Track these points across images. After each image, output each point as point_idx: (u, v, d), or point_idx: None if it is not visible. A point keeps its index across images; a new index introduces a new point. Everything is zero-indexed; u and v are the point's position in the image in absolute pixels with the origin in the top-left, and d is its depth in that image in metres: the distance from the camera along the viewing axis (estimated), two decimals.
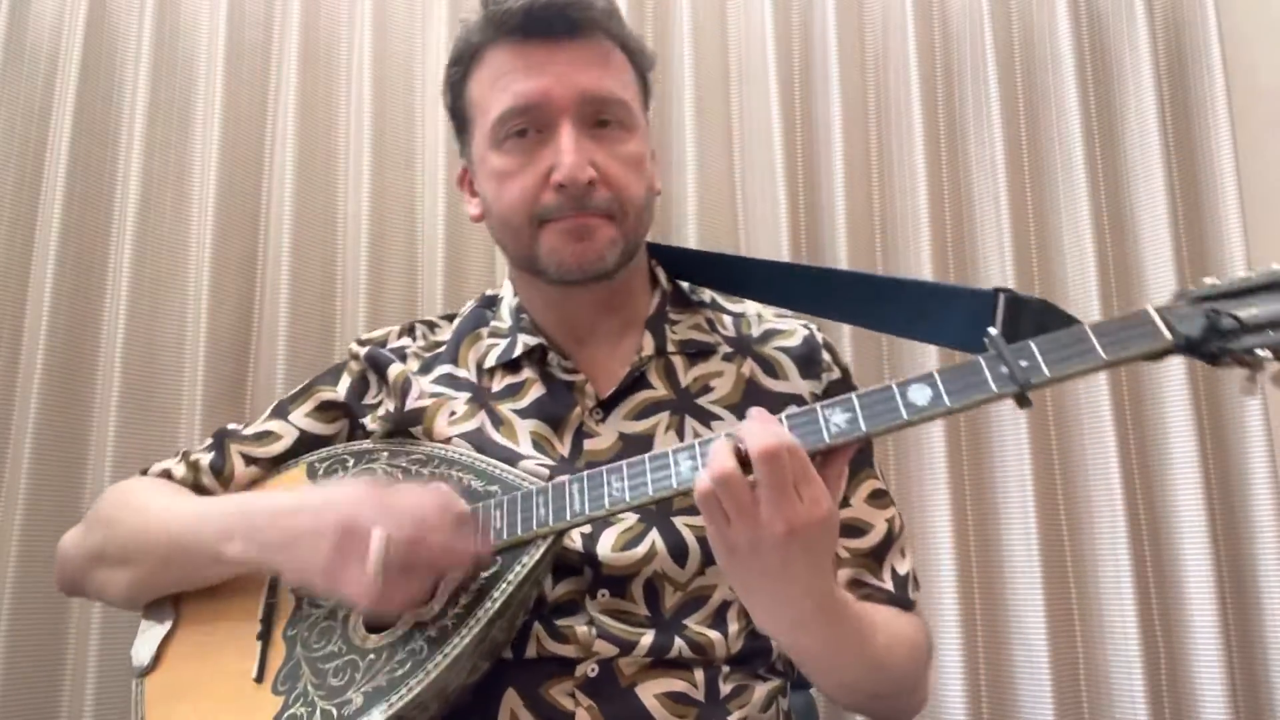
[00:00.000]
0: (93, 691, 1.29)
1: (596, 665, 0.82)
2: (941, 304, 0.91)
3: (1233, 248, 1.45)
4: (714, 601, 0.86)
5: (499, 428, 0.91)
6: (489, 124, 0.89)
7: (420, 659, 0.76)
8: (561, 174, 0.85)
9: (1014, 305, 0.85)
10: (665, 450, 0.75)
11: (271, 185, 1.51)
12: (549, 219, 0.87)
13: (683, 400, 0.92)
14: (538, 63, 0.87)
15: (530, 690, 0.82)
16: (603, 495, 0.76)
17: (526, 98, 0.86)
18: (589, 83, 0.87)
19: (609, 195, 0.87)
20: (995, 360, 0.69)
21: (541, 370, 0.94)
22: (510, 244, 0.92)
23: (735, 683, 0.86)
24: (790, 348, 0.97)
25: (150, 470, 1.01)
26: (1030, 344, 0.69)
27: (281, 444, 0.98)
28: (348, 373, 1.00)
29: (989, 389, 0.69)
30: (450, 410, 0.92)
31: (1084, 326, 0.69)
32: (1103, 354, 0.67)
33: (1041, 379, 0.68)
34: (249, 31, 1.53)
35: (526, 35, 0.87)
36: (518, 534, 0.78)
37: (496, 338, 0.97)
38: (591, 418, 0.91)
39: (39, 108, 1.47)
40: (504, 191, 0.89)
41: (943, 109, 1.57)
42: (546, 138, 0.87)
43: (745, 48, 1.60)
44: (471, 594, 0.78)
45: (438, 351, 0.99)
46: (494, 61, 0.89)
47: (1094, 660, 1.41)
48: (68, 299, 1.40)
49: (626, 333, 0.96)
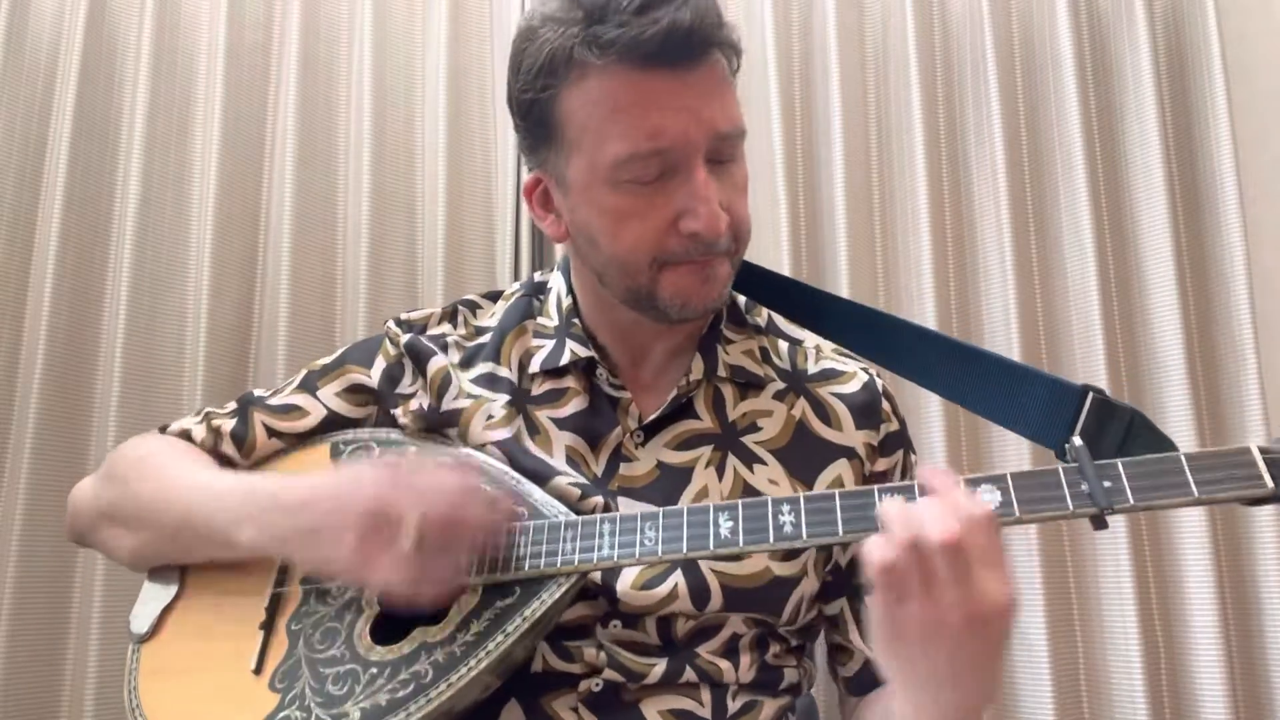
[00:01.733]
0: (93, 690, 1.29)
1: (601, 682, 0.81)
2: (1021, 386, 0.82)
3: (1233, 248, 1.45)
4: (725, 633, 0.84)
5: (534, 436, 0.88)
6: (604, 161, 0.78)
7: (424, 683, 0.75)
8: (700, 226, 0.78)
9: (1102, 409, 0.77)
10: (706, 506, 0.73)
11: (271, 185, 1.51)
12: (672, 262, 0.81)
13: (727, 435, 0.88)
14: (667, 99, 0.77)
15: (532, 702, 0.81)
16: (634, 543, 0.74)
17: (659, 142, 0.77)
18: (721, 120, 0.79)
19: (731, 234, 0.81)
20: (1076, 475, 0.64)
21: (587, 381, 0.90)
22: (618, 280, 0.84)
23: (745, 699, 0.84)
24: (848, 394, 0.92)
25: (169, 429, 0.98)
26: (1119, 464, 0.64)
27: (307, 421, 0.95)
28: (383, 354, 0.95)
29: (1064, 505, 0.64)
30: (488, 413, 0.89)
31: (1180, 457, 0.64)
32: (1195, 491, 0.62)
33: (1124, 505, 0.63)
34: (249, 31, 1.53)
35: (651, 64, 0.76)
36: (540, 567, 0.76)
37: (542, 338, 0.92)
38: (632, 440, 0.88)
39: (39, 108, 1.47)
40: (623, 232, 0.81)
41: (943, 109, 1.57)
42: (670, 177, 0.79)
43: (745, 48, 1.59)
44: (485, 622, 0.76)
45: (480, 342, 0.94)
46: (608, 88, 0.77)
47: (1094, 660, 1.41)
48: (68, 299, 1.40)
49: (681, 350, 0.92)
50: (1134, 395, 1.47)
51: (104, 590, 1.32)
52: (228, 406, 0.98)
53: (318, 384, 0.96)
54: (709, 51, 0.78)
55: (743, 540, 0.70)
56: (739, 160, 0.83)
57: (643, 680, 0.81)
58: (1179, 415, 1.42)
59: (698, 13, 0.75)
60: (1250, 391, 1.41)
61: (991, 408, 0.84)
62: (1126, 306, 1.50)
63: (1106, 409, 0.77)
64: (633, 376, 0.91)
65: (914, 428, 1.46)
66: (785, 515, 0.71)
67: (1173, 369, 1.44)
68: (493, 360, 0.92)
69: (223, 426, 0.95)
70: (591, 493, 0.84)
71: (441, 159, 1.52)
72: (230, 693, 0.81)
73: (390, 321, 0.97)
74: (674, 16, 0.74)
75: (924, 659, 0.63)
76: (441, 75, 1.54)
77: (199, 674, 0.84)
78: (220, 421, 0.96)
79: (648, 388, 0.91)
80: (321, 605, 0.84)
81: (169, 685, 0.84)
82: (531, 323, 0.94)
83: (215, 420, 0.96)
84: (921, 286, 1.48)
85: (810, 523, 0.71)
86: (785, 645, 0.89)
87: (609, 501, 0.84)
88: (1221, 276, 1.46)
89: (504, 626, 0.75)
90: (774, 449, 0.88)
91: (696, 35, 0.76)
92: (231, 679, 0.82)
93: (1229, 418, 1.45)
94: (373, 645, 0.79)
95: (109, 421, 1.36)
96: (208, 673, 0.83)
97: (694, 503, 0.84)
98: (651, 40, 0.74)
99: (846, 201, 1.50)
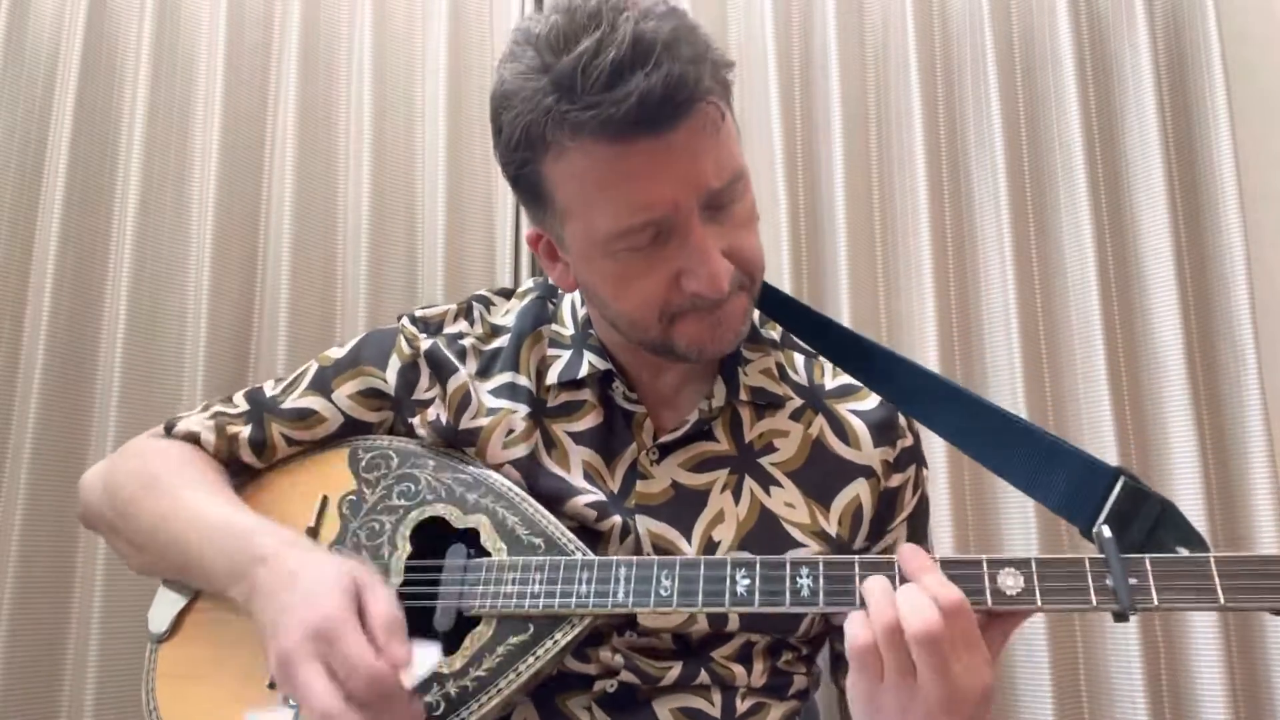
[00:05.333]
0: (93, 689, 1.29)
1: (616, 683, 0.81)
2: (1049, 458, 0.79)
3: (1233, 248, 1.45)
4: (739, 640, 0.84)
5: (551, 451, 0.87)
6: (596, 234, 0.76)
7: (435, 716, 0.75)
8: (701, 286, 0.76)
9: (1132, 495, 0.74)
10: (724, 560, 0.73)
11: (271, 185, 1.51)
12: (681, 314, 0.79)
13: (744, 457, 0.88)
14: (651, 169, 0.72)
15: (546, 701, 0.81)
16: (649, 591, 0.74)
17: (650, 214, 0.73)
18: (712, 176, 0.74)
19: (739, 275, 0.79)
20: (1101, 567, 0.64)
21: (602, 394, 0.89)
22: (630, 333, 0.83)
23: (753, 701, 0.85)
24: (866, 412, 0.91)
25: (175, 429, 0.95)
26: (1145, 561, 0.64)
27: (325, 427, 0.93)
28: (397, 353, 0.93)
29: (1087, 599, 0.64)
30: (508, 429, 0.87)
31: (1209, 560, 0.63)
32: (1222, 599, 0.61)
33: (1147, 605, 0.62)
34: (249, 31, 1.53)
35: (628, 135, 0.71)
36: (555, 607, 0.76)
37: (558, 347, 0.91)
38: (647, 458, 0.87)
39: (39, 108, 1.47)
40: (626, 294, 0.79)
41: (943, 109, 1.57)
42: (667, 240, 0.76)
43: (745, 48, 1.60)
44: (497, 658, 0.76)
45: (497, 345, 0.93)
46: (587, 165, 0.73)
47: (1094, 660, 1.41)
48: (68, 298, 1.40)
49: (698, 368, 0.89)
50: (1134, 396, 1.47)
51: (104, 590, 1.32)
52: (238, 405, 0.96)
53: (332, 384, 0.94)
54: (691, 109, 0.72)
55: (758, 601, 0.70)
56: (742, 198, 0.79)
57: (658, 683, 0.81)
58: (1179, 415, 1.42)
59: (671, 75, 0.69)
60: (1250, 391, 1.41)
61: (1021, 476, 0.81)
62: (1126, 306, 1.49)
63: (1138, 496, 0.74)
64: (650, 391, 0.90)
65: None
66: (804, 579, 0.71)
67: (1173, 369, 1.44)
68: (512, 369, 0.91)
69: (240, 434, 0.93)
70: (609, 511, 0.83)
71: (441, 159, 1.52)
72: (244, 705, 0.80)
73: (404, 319, 0.95)
74: (645, 88, 0.69)
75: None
76: (441, 75, 1.54)
77: (214, 682, 0.84)
78: (235, 428, 0.93)
79: (665, 403, 0.90)
80: None
81: (185, 691, 0.84)
82: (547, 329, 0.93)
83: (229, 427, 0.93)
84: (921, 286, 1.48)
85: (828, 591, 0.70)
86: (797, 653, 0.90)
87: (627, 521, 0.83)
88: (1221, 276, 1.46)
89: (516, 666, 0.75)
90: (790, 471, 0.88)
91: (671, 101, 0.70)
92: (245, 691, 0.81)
93: (1229, 418, 1.45)
94: None
95: (109, 421, 1.36)
96: (222, 682, 0.83)
97: (709, 527, 0.84)
98: (625, 118, 0.69)
99: (846, 201, 1.50)
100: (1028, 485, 0.81)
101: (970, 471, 1.45)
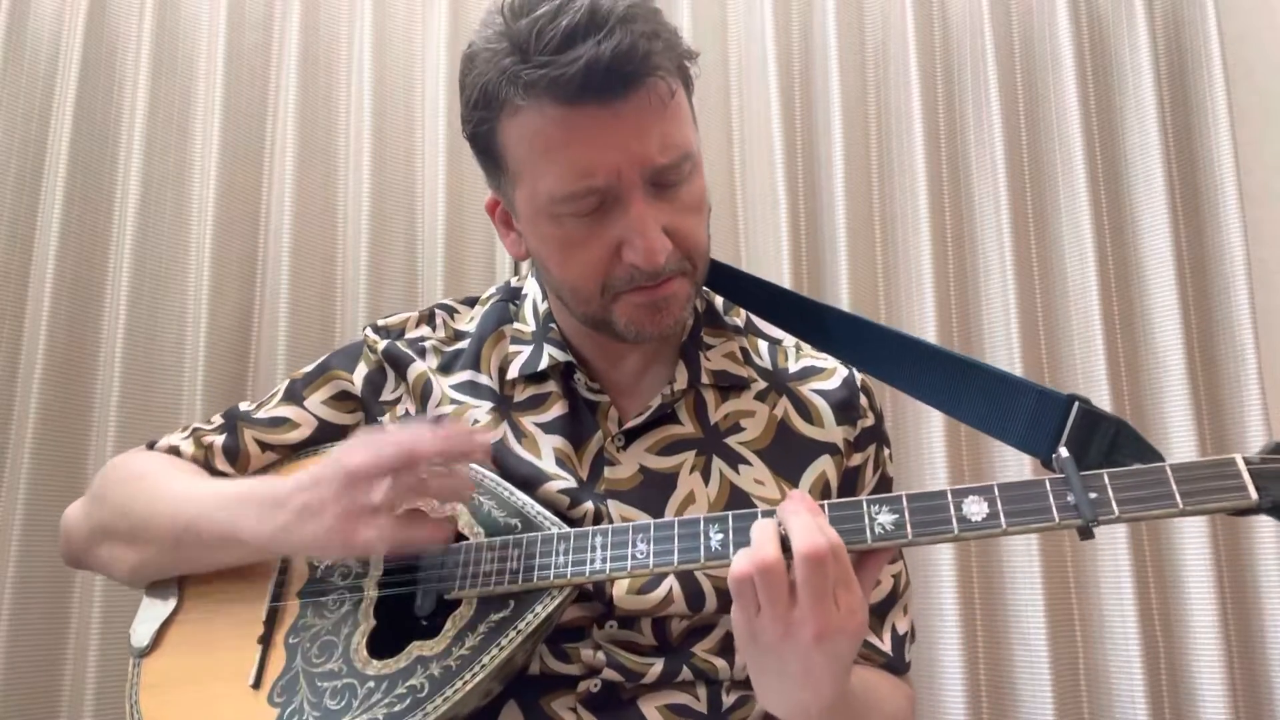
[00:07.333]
0: (93, 688, 1.29)
1: (600, 682, 0.81)
2: (1008, 395, 0.82)
3: (1233, 248, 1.45)
4: (719, 632, 0.85)
5: (521, 440, 0.88)
6: (540, 197, 0.78)
7: (420, 698, 0.75)
8: (638, 258, 0.77)
9: (1087, 419, 0.77)
10: (696, 518, 0.74)
11: (271, 185, 1.51)
12: (622, 290, 0.80)
13: (710, 439, 0.89)
14: (596, 136, 0.74)
15: (531, 703, 0.81)
16: (625, 556, 0.74)
17: (592, 180, 0.75)
18: (656, 152, 0.76)
19: (680, 255, 0.80)
20: (1062, 486, 0.65)
21: (565, 385, 0.90)
22: (574, 305, 0.85)
23: (739, 694, 0.85)
24: (828, 391, 0.93)
25: (157, 445, 0.98)
26: (1104, 475, 0.65)
27: (299, 432, 0.95)
28: (364, 360, 0.95)
29: (1050, 517, 0.65)
30: (473, 419, 0.89)
31: (1165, 468, 0.64)
32: (1180, 503, 0.63)
33: (1109, 517, 0.63)
34: (249, 32, 1.54)
35: (577, 100, 0.73)
36: (533, 580, 0.77)
37: (519, 344, 0.93)
38: (613, 444, 0.88)
39: (39, 108, 1.47)
40: (568, 261, 0.81)
41: (943, 109, 1.57)
42: (609, 209, 0.77)
43: (745, 48, 1.60)
44: (479, 635, 0.77)
45: (459, 347, 0.95)
46: (537, 126, 0.76)
47: (1094, 660, 1.42)
48: (68, 299, 1.40)
49: (659, 354, 0.91)
50: (1134, 396, 1.48)
51: (103, 592, 1.32)
52: (214, 422, 0.98)
53: (303, 393, 0.96)
54: (640, 81, 0.74)
55: (733, 551, 0.71)
56: (690, 180, 0.80)
57: (641, 679, 0.82)
58: (1179, 415, 1.42)
59: (622, 45, 0.72)
60: (1250, 392, 1.41)
61: (978, 417, 0.84)
62: (1126, 306, 1.50)
63: (1092, 419, 0.77)
64: (612, 380, 0.91)
65: (914, 430, 1.46)
66: None
67: (1173, 369, 1.44)
68: (472, 368, 0.93)
69: (214, 443, 0.95)
70: (581, 498, 0.84)
71: (441, 159, 1.52)
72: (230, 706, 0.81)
73: (367, 328, 0.97)
74: (594, 54, 0.71)
75: (771, 668, 0.69)
76: (441, 75, 1.55)
77: (199, 687, 0.84)
78: (210, 438, 0.96)
79: (627, 391, 0.91)
80: (318, 618, 0.84)
81: (169, 699, 0.85)
82: (509, 328, 0.95)
83: (204, 437, 0.96)
84: (921, 286, 1.48)
85: None
86: None
87: (599, 506, 0.84)
88: (1221, 276, 1.46)
89: (498, 640, 0.76)
90: (757, 449, 0.89)
91: (620, 69, 0.72)
92: (231, 692, 0.82)
93: (1229, 418, 1.45)
94: (369, 659, 0.79)
95: (109, 421, 1.36)
96: (207, 686, 0.84)
97: (681, 508, 0.84)
98: (572, 80, 0.72)
99: (846, 201, 1.50)
100: (988, 424, 0.84)
101: (970, 467, 1.46)
